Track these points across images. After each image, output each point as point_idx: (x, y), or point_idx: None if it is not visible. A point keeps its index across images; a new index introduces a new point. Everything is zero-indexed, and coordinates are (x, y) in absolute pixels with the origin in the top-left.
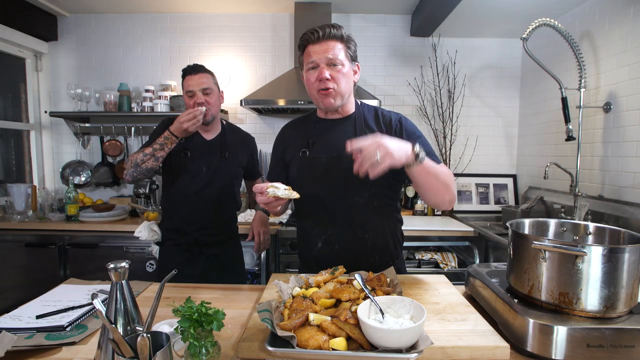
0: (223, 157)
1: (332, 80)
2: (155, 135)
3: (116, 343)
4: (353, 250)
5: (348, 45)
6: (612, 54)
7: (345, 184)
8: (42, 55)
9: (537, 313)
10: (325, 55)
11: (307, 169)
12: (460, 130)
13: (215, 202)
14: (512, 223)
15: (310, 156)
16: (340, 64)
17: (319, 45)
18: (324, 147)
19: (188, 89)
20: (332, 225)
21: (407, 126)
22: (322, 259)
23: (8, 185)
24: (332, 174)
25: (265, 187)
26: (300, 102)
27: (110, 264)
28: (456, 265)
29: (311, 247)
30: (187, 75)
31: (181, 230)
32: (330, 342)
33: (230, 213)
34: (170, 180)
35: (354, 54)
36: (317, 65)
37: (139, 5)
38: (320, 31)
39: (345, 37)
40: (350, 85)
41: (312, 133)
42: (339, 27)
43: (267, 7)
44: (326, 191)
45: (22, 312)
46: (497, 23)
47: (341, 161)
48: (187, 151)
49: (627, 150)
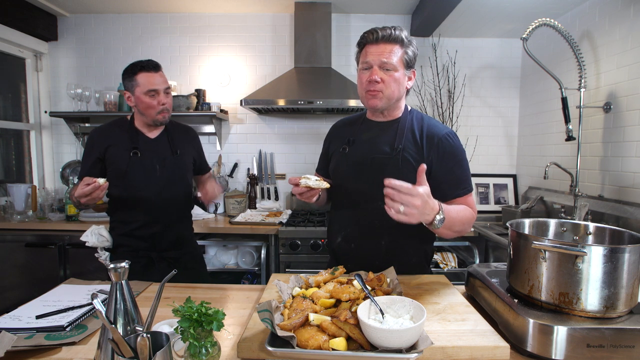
0: (175, 154)
1: (382, 83)
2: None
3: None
4: (367, 252)
5: (406, 50)
6: (612, 54)
7: (373, 187)
8: (42, 55)
9: (537, 313)
10: (380, 58)
11: (343, 166)
12: (460, 130)
13: (172, 202)
14: (512, 223)
15: (349, 153)
16: (394, 68)
17: (376, 47)
18: (363, 147)
19: (151, 88)
20: (353, 224)
21: (447, 147)
22: (341, 253)
23: (8, 185)
24: (364, 174)
25: (299, 179)
26: (300, 102)
27: (110, 264)
28: (456, 265)
29: (332, 240)
30: (144, 71)
31: (137, 235)
32: (330, 342)
33: (187, 212)
34: (120, 182)
35: (411, 60)
36: (370, 66)
37: (139, 5)
38: (380, 32)
39: (406, 41)
40: (400, 90)
41: (356, 132)
42: (401, 30)
43: (267, 7)
44: (354, 190)
45: (22, 312)
46: (497, 23)
47: (374, 164)
48: (137, 151)
49: (627, 150)
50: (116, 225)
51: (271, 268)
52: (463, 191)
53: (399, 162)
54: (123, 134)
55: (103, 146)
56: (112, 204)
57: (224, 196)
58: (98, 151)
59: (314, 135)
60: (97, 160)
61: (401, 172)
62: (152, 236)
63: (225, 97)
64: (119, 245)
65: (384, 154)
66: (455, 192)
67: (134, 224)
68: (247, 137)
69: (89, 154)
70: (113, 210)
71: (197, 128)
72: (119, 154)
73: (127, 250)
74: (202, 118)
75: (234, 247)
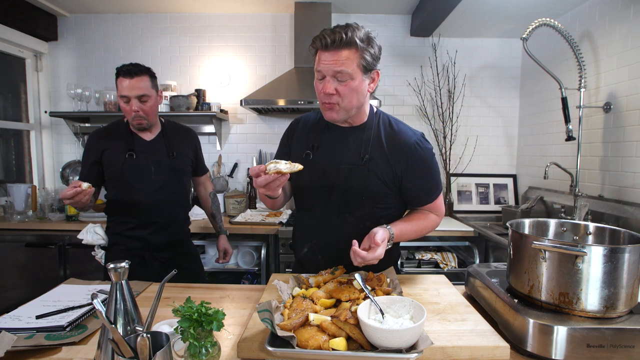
0: (171, 156)
1: (337, 95)
2: (85, 158)
3: (116, 343)
4: (335, 264)
5: (363, 55)
6: (612, 54)
7: (338, 198)
8: (42, 55)
9: (537, 313)
10: (332, 68)
11: (307, 173)
12: (460, 130)
13: (167, 203)
14: (512, 223)
15: (312, 160)
16: (350, 77)
17: (328, 54)
18: (328, 155)
19: (122, 94)
20: (318, 235)
21: (416, 157)
22: (307, 264)
23: (8, 185)
24: (327, 184)
25: (264, 166)
26: (300, 102)
27: (110, 264)
28: (456, 265)
29: (298, 249)
30: (121, 76)
31: (131, 235)
32: (330, 342)
33: (184, 214)
34: (116, 184)
35: (371, 62)
36: (323, 77)
37: (139, 5)
38: (329, 38)
39: (361, 45)
40: (359, 99)
41: (319, 137)
42: (355, 31)
43: (267, 7)
44: (318, 200)
45: (22, 312)
46: (497, 23)
47: (339, 173)
48: (133, 152)
49: (627, 150)
50: (112, 224)
51: (271, 268)
52: (432, 198)
53: (365, 173)
54: (119, 137)
55: (99, 149)
56: (109, 205)
57: (224, 196)
58: (95, 154)
59: None
60: (94, 163)
61: (368, 184)
62: (146, 236)
63: (225, 97)
64: (114, 244)
65: (350, 165)
66: (425, 200)
67: (129, 224)
68: (247, 137)
69: (87, 157)
70: (111, 210)
71: (197, 128)
72: (115, 157)
73: (121, 249)
74: (202, 118)
75: (234, 247)
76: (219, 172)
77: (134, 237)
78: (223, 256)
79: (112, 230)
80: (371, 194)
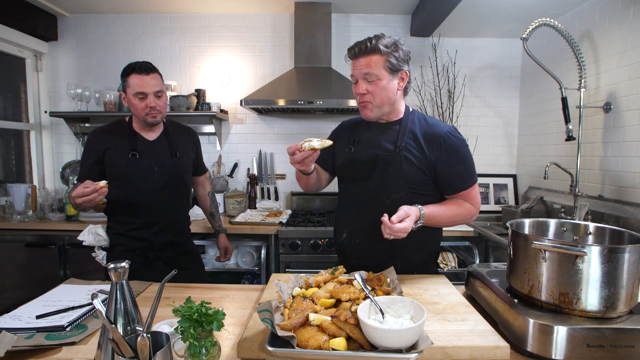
0: (174, 156)
1: (369, 94)
2: (85, 157)
3: (116, 343)
4: (372, 249)
5: (388, 58)
6: (612, 54)
7: (376, 184)
8: (42, 55)
9: (537, 313)
10: (361, 71)
11: (348, 165)
12: (460, 130)
13: (170, 203)
14: (512, 223)
15: (354, 153)
16: (377, 77)
17: (357, 61)
18: (367, 146)
19: (139, 90)
20: (358, 220)
21: (448, 146)
22: (346, 249)
23: (8, 185)
24: (365, 170)
25: (300, 145)
26: (300, 102)
27: (110, 264)
28: (456, 265)
29: (338, 235)
30: (135, 73)
31: (134, 235)
32: (330, 342)
33: (185, 214)
34: (118, 184)
35: (397, 64)
36: (356, 81)
37: (139, 5)
38: (357, 48)
39: (385, 50)
40: (390, 96)
41: (360, 133)
42: (379, 39)
43: (267, 7)
44: (359, 187)
45: (22, 312)
46: (497, 23)
47: (377, 160)
48: (136, 152)
49: (627, 150)
50: (113, 225)
51: (271, 268)
52: (466, 185)
53: (401, 159)
54: (122, 136)
55: (101, 149)
56: (110, 205)
57: (224, 196)
58: (96, 154)
59: (314, 135)
60: (96, 162)
61: (403, 169)
62: (149, 237)
63: (225, 97)
64: (116, 245)
65: (387, 152)
66: (459, 187)
67: (132, 224)
68: (247, 137)
69: (88, 157)
70: (112, 210)
71: (197, 128)
72: (118, 156)
73: (123, 249)
74: (202, 118)
75: (234, 247)
76: (219, 172)
77: (137, 238)
78: (224, 254)
79: (113, 230)
80: (407, 177)
